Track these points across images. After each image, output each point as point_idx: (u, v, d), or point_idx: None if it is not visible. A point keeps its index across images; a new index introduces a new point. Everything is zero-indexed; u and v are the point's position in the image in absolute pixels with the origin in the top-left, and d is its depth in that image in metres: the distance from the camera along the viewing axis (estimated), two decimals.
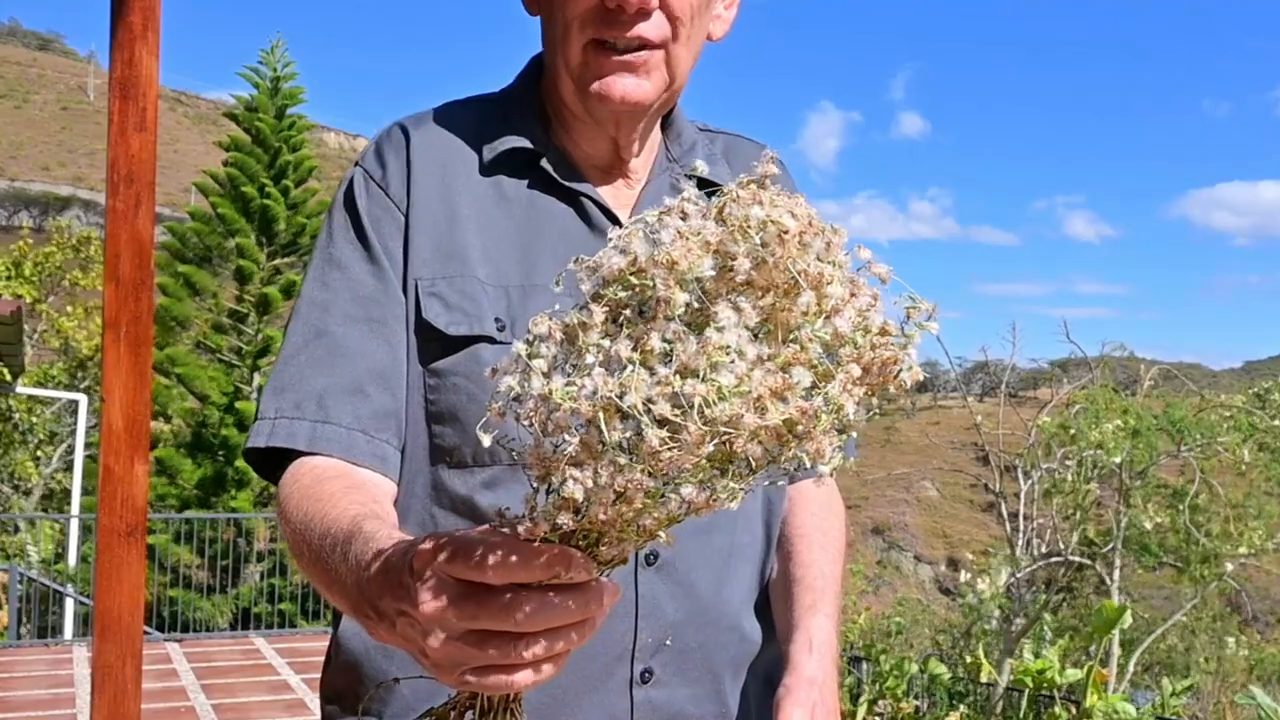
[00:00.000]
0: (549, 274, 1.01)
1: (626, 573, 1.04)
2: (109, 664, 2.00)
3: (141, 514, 2.03)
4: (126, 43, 2.00)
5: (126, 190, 2.01)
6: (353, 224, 1.10)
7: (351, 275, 1.08)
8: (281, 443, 1.03)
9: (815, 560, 1.16)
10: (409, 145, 1.12)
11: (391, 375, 1.06)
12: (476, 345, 1.05)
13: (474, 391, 1.04)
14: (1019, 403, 14.08)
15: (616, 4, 1.02)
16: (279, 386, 1.06)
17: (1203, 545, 11.29)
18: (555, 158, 1.13)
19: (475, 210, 1.10)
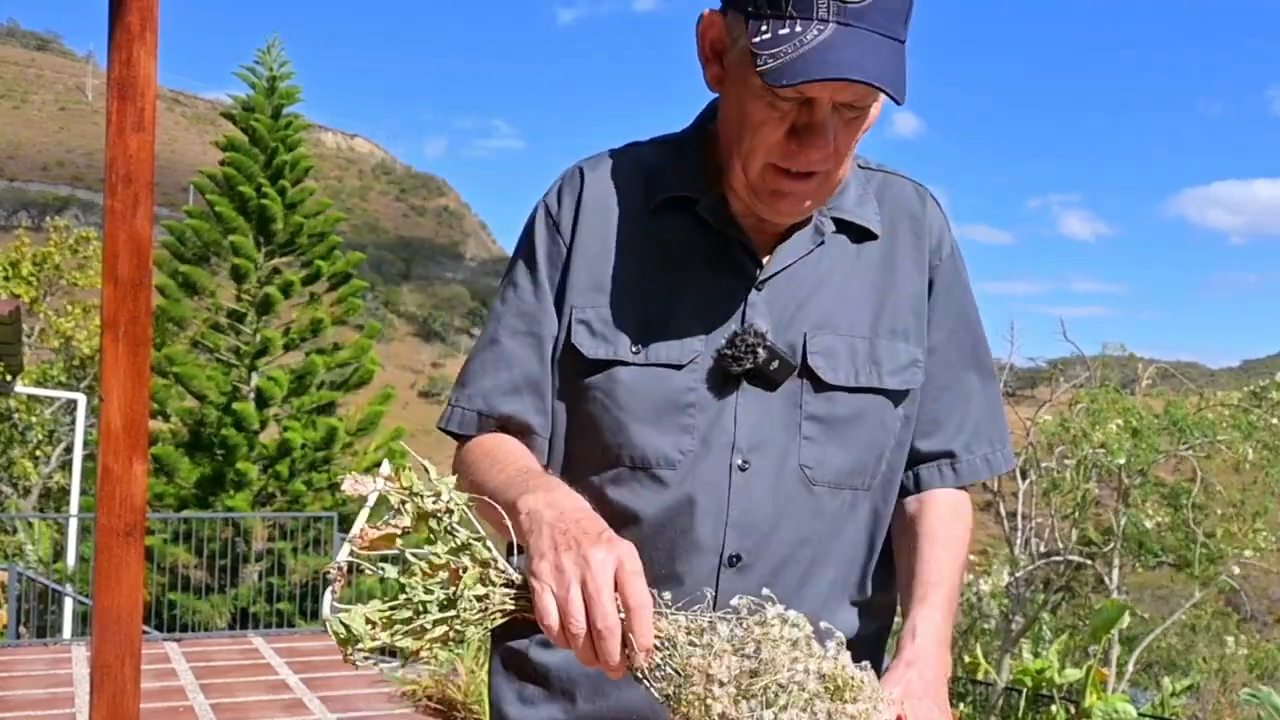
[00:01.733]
0: (691, 305, 1.27)
1: (709, 572, 1.25)
2: (108, 663, 1.99)
3: (140, 513, 2.03)
4: (124, 43, 2.00)
5: (125, 190, 2.01)
6: (528, 251, 1.34)
7: (521, 294, 1.33)
8: (457, 428, 1.34)
9: (935, 557, 1.28)
10: (582, 187, 1.33)
11: (540, 380, 1.31)
12: (614, 368, 1.27)
13: (608, 404, 1.27)
14: (1016, 402, 14.08)
15: (795, 149, 1.18)
16: (463, 381, 1.36)
17: (1204, 544, 11.30)
18: (712, 203, 1.29)
19: (634, 247, 1.30)
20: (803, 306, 1.28)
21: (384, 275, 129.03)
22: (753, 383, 1.26)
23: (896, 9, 1.14)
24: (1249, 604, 17.89)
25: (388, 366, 44.59)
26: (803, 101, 1.16)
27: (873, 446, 1.30)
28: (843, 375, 1.28)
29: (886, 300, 1.32)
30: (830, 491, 1.28)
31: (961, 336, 1.37)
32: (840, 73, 1.09)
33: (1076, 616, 14.52)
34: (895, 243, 1.34)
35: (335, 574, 1.10)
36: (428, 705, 6.21)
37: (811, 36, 1.11)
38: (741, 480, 1.25)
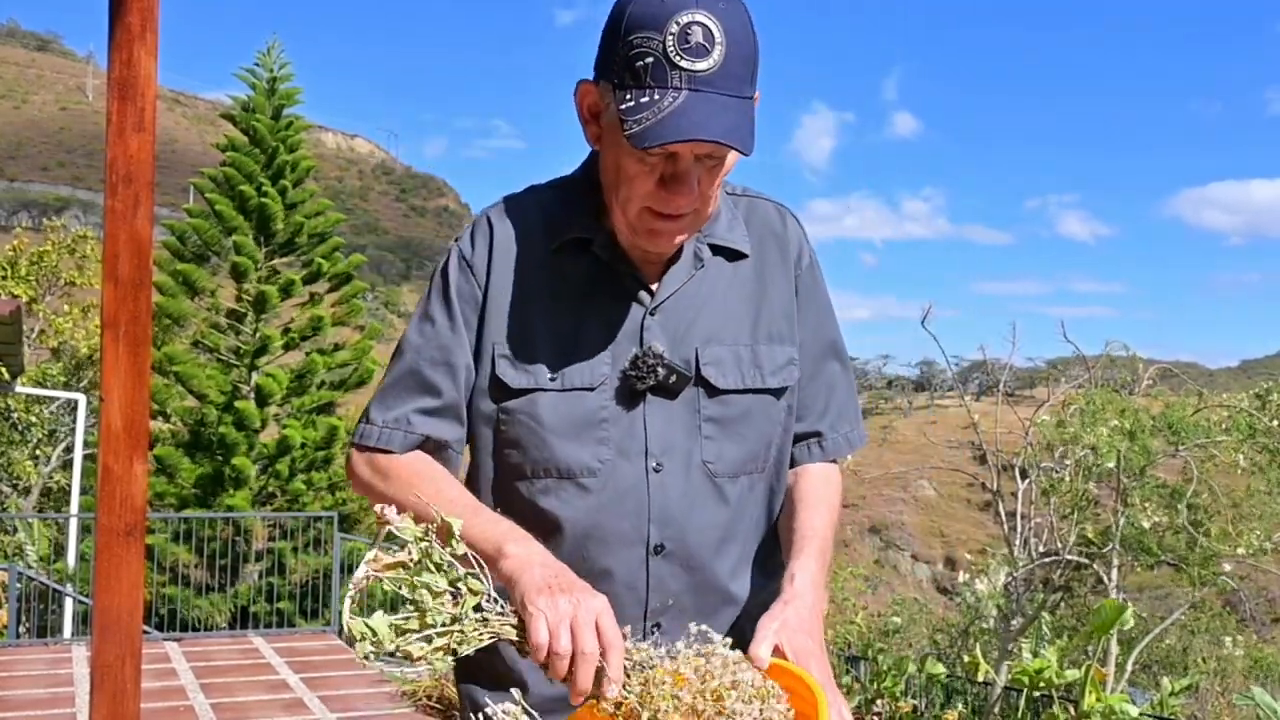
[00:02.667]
0: (594, 333, 1.46)
1: (640, 559, 1.46)
2: (108, 663, 2.00)
3: (140, 513, 2.03)
4: (125, 43, 2.00)
5: (125, 190, 2.01)
6: (444, 291, 1.49)
7: (438, 329, 1.49)
8: (385, 445, 1.48)
9: (809, 518, 1.50)
10: (492, 234, 1.50)
11: (458, 404, 1.48)
12: (535, 394, 1.45)
13: (533, 425, 1.45)
14: (1016, 402, 14.08)
15: (663, 198, 1.37)
16: (385, 404, 1.49)
17: (1202, 545, 11.30)
18: (605, 241, 1.48)
19: (541, 285, 1.48)
20: (692, 325, 1.49)
21: (384, 275, 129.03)
22: (656, 395, 1.46)
23: (740, 73, 1.33)
24: (1247, 605, 17.90)
25: None
26: (668, 155, 1.35)
27: (762, 437, 1.52)
28: (731, 380, 1.49)
29: (762, 310, 1.53)
30: (730, 480, 1.50)
31: (822, 332, 1.60)
32: (691, 134, 1.29)
33: (1075, 617, 14.52)
34: (764, 258, 1.55)
35: (354, 587, 1.23)
36: (428, 705, 6.22)
37: (668, 103, 1.30)
38: (657, 480, 1.46)
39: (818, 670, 1.28)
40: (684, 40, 1.30)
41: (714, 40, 1.31)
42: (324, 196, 19.35)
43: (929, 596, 40.71)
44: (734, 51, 1.32)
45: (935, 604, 30.58)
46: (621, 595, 1.43)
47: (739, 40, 1.33)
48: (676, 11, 1.30)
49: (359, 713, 6.08)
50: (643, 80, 1.32)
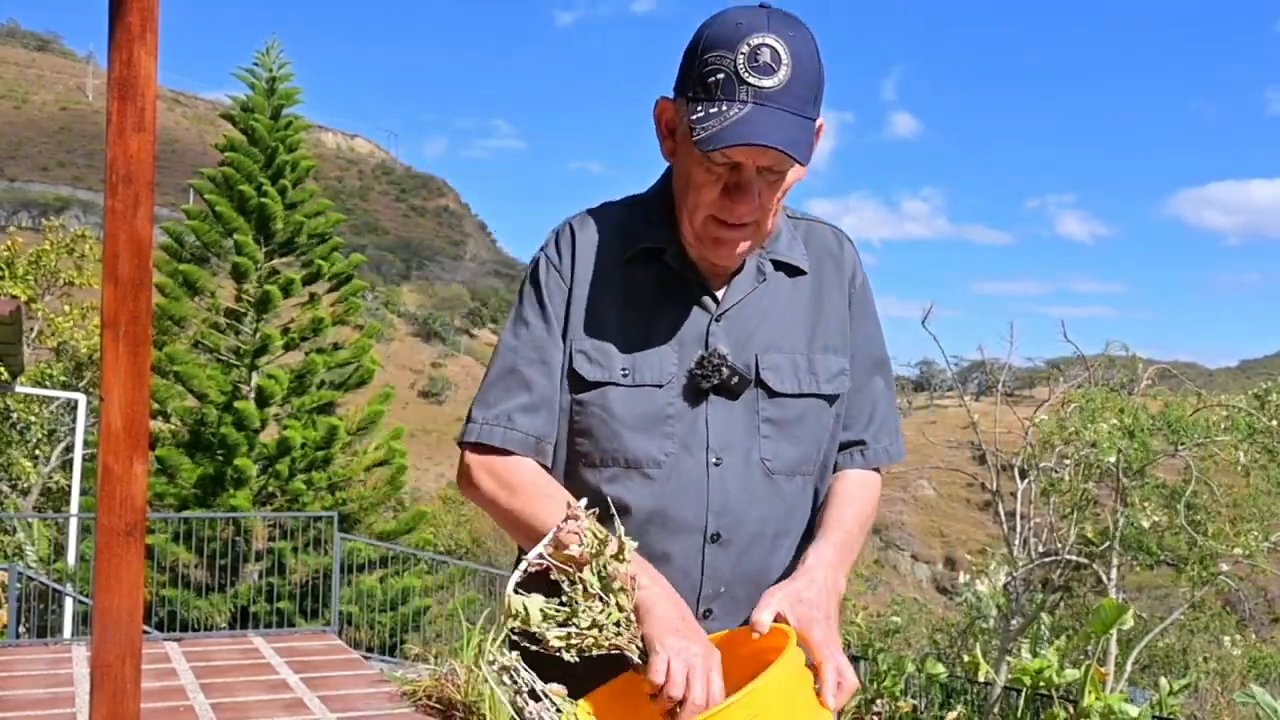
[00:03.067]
0: (664, 335, 1.59)
1: (697, 547, 1.57)
2: (108, 663, 2.00)
3: (141, 513, 2.03)
4: (125, 43, 2.00)
5: (125, 190, 2.01)
6: (536, 295, 1.62)
7: (533, 330, 1.61)
8: (486, 440, 1.60)
9: (838, 513, 1.63)
10: (574, 241, 1.64)
11: (552, 399, 1.60)
12: (606, 387, 1.58)
13: (604, 417, 1.58)
14: (1015, 402, 14.08)
15: (727, 206, 1.50)
16: (486, 403, 1.62)
17: (1200, 545, 11.30)
18: (675, 251, 1.61)
19: (617, 290, 1.61)
20: (754, 333, 1.61)
21: (384, 275, 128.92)
22: (718, 395, 1.58)
23: (803, 94, 1.46)
24: (1247, 604, 17.90)
25: (388, 366, 44.56)
26: (732, 166, 1.48)
27: (814, 440, 1.64)
28: (789, 384, 1.61)
29: (818, 322, 1.66)
30: (785, 478, 1.62)
31: (870, 348, 1.72)
32: (752, 139, 1.42)
33: (1075, 616, 14.52)
34: (821, 276, 1.68)
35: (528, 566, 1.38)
36: (428, 705, 6.21)
37: (734, 113, 1.43)
38: (717, 474, 1.57)
39: (820, 633, 1.40)
40: (754, 59, 1.44)
41: (781, 61, 1.44)
42: (324, 196, 19.33)
43: (929, 596, 40.72)
44: (799, 74, 1.45)
45: (935, 604, 30.59)
46: (677, 579, 1.51)
47: (805, 65, 1.46)
48: (749, 34, 1.44)
49: (359, 713, 6.08)
50: (714, 93, 1.45)
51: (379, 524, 17.91)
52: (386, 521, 18.28)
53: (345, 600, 14.40)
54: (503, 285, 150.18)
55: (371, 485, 17.86)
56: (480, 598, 15.72)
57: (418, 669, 8.26)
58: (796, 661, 1.34)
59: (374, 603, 15.43)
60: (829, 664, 1.38)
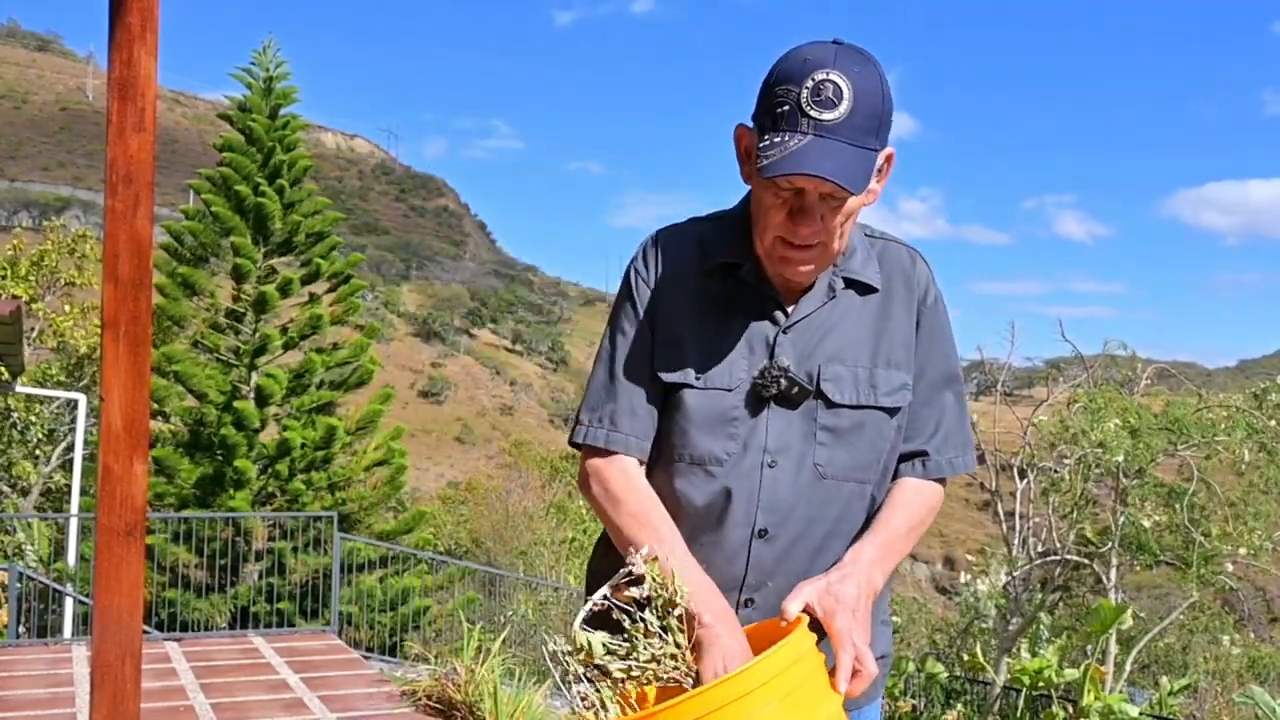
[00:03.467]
0: (734, 344, 1.71)
1: (744, 540, 1.69)
2: (108, 663, 2.00)
3: (141, 513, 2.03)
4: (125, 43, 2.01)
5: (125, 190, 2.01)
6: (631, 305, 1.77)
7: (629, 339, 1.76)
8: (590, 441, 1.76)
9: (887, 516, 1.72)
10: (659, 252, 1.78)
11: (651, 402, 1.74)
12: (682, 390, 1.71)
13: (676, 416, 1.72)
14: (1014, 402, 14.08)
15: (791, 229, 1.62)
16: (591, 406, 1.77)
17: (1201, 545, 11.29)
18: (751, 266, 1.73)
19: (694, 299, 1.74)
20: (819, 345, 1.71)
21: (384, 275, 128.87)
22: (778, 403, 1.69)
23: (865, 125, 1.56)
24: (1246, 604, 17.89)
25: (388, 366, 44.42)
26: (796, 191, 1.59)
27: (871, 450, 1.72)
28: (848, 396, 1.70)
29: (883, 338, 1.74)
30: (838, 484, 1.71)
31: (940, 365, 1.80)
32: (804, 169, 1.53)
33: (1074, 616, 14.51)
34: (891, 294, 1.77)
35: (591, 605, 1.54)
36: (428, 705, 6.22)
37: (794, 144, 1.54)
38: (770, 475, 1.68)
39: (841, 623, 1.50)
40: (816, 94, 1.55)
41: (843, 96, 1.55)
42: (323, 196, 19.29)
43: (928, 596, 40.70)
44: (860, 108, 1.56)
45: (934, 604, 30.57)
46: (723, 568, 1.68)
47: (867, 99, 1.56)
48: (815, 69, 1.56)
49: (359, 713, 6.09)
50: (779, 125, 1.58)
51: (379, 524, 17.91)
52: (386, 521, 18.27)
53: (345, 600, 14.40)
54: (502, 285, 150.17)
55: (371, 485, 17.85)
56: (480, 598, 15.72)
57: (418, 669, 8.27)
58: (801, 646, 1.43)
59: (374, 603, 15.42)
60: (845, 652, 1.48)
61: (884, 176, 1.71)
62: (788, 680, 1.40)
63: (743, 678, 1.37)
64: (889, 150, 1.66)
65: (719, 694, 1.36)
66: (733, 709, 1.36)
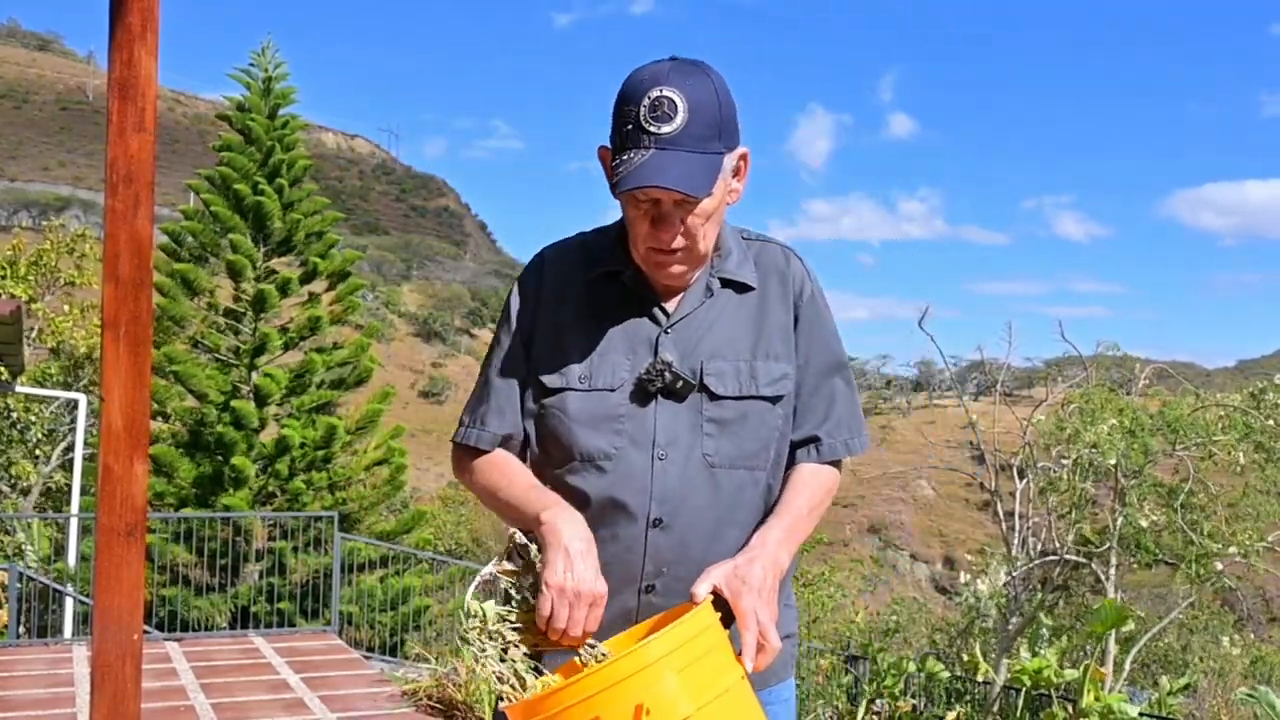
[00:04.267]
0: (618, 345, 1.81)
1: (640, 530, 1.76)
2: (108, 663, 2.00)
3: (141, 513, 2.03)
4: (125, 43, 2.01)
5: (125, 190, 2.02)
6: (509, 319, 1.90)
7: (503, 348, 1.90)
8: (470, 441, 1.89)
9: (788, 498, 1.82)
10: (543, 269, 1.91)
11: (516, 403, 1.88)
12: (565, 392, 1.81)
13: (563, 417, 1.81)
14: (1014, 402, 14.08)
15: (655, 236, 1.74)
16: (469, 409, 1.92)
17: (1199, 544, 11.30)
18: (632, 273, 1.84)
19: (579, 307, 1.86)
20: (700, 342, 1.82)
21: (384, 275, 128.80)
22: (665, 398, 1.78)
23: (704, 134, 1.69)
24: (1245, 604, 17.89)
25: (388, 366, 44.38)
26: (653, 202, 1.71)
27: (757, 438, 1.81)
28: (730, 388, 1.80)
29: (761, 333, 1.85)
30: (728, 472, 1.79)
31: (824, 354, 1.90)
32: (647, 181, 1.66)
33: (1073, 616, 14.52)
34: (767, 291, 1.88)
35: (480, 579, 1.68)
36: (428, 705, 6.22)
37: (638, 159, 1.67)
38: (660, 467, 1.77)
39: (746, 603, 1.59)
40: (653, 110, 1.68)
41: (677, 109, 1.67)
42: (323, 196, 19.30)
43: (928, 596, 40.70)
44: (696, 117, 1.67)
45: (934, 604, 30.58)
46: (624, 558, 1.76)
47: (702, 108, 1.69)
48: (651, 88, 1.68)
49: (359, 713, 6.09)
50: (626, 143, 1.70)
51: (379, 524, 17.91)
52: (386, 521, 18.28)
53: (345, 600, 14.40)
54: (502, 285, 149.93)
55: (371, 485, 17.85)
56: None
57: (418, 669, 8.26)
58: (701, 623, 1.53)
59: (374, 603, 15.43)
60: (749, 630, 1.57)
61: (742, 174, 1.81)
62: (687, 654, 1.48)
63: (642, 653, 1.45)
64: (742, 150, 1.78)
65: (619, 669, 1.45)
66: (630, 684, 1.44)
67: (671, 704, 1.46)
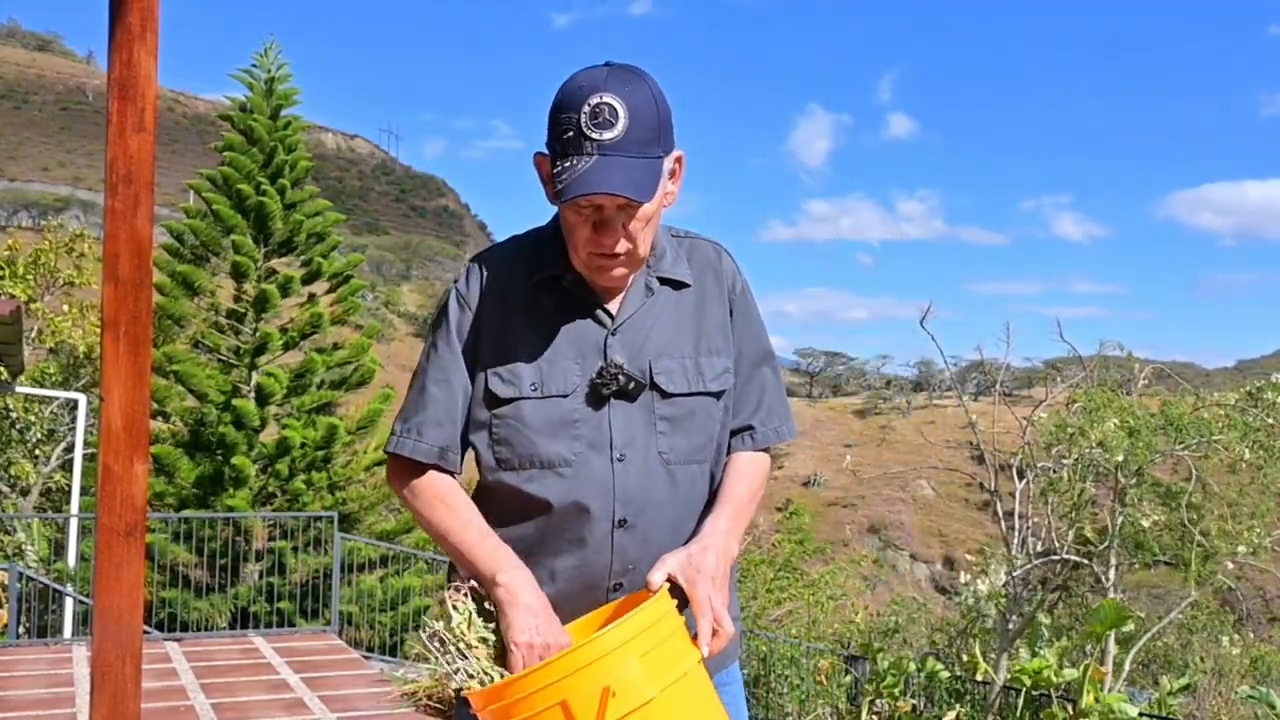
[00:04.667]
0: (567, 351, 1.82)
1: (606, 532, 1.79)
2: (108, 663, 2.00)
3: (141, 513, 2.03)
4: (125, 43, 2.01)
5: (125, 190, 2.02)
6: (446, 324, 1.87)
7: (440, 355, 1.87)
8: (404, 451, 1.86)
9: (730, 487, 1.87)
10: (482, 275, 1.88)
11: (456, 413, 1.85)
12: (519, 401, 1.81)
13: (518, 427, 1.81)
14: (1013, 402, 14.09)
15: (597, 243, 1.74)
16: (403, 417, 1.88)
17: (1200, 544, 11.30)
18: (572, 277, 1.84)
19: (522, 314, 1.84)
20: (646, 342, 1.84)
21: (384, 275, 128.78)
22: (618, 399, 1.80)
23: (645, 138, 1.70)
24: (1245, 604, 17.90)
25: (388, 366, 44.40)
26: (595, 208, 1.72)
27: (704, 432, 1.86)
28: (679, 385, 1.84)
29: (702, 329, 1.89)
30: (682, 467, 1.84)
31: (755, 346, 1.95)
32: (594, 188, 1.66)
33: (1073, 616, 14.52)
34: (703, 287, 1.92)
35: (458, 585, 1.76)
36: (428, 705, 6.22)
37: (581, 166, 1.67)
38: (621, 468, 1.79)
39: (701, 590, 1.65)
40: (594, 117, 1.68)
41: (618, 115, 1.68)
42: (324, 197, 19.30)
43: (928, 596, 40.70)
44: (636, 123, 1.69)
45: (934, 603, 30.57)
46: (591, 560, 1.79)
47: (642, 113, 1.70)
48: (590, 94, 1.68)
49: (359, 713, 6.09)
50: (567, 150, 1.70)
51: (379, 524, 17.90)
52: (386, 521, 18.27)
53: (345, 600, 14.39)
54: None
55: (371, 485, 17.84)
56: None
57: (418, 669, 8.26)
58: (659, 610, 1.59)
59: (374, 602, 15.42)
60: (705, 617, 1.62)
61: (677, 177, 1.85)
62: (648, 640, 1.54)
63: (604, 639, 1.51)
64: (677, 153, 1.80)
65: (584, 654, 1.51)
66: (595, 668, 1.50)
67: (636, 686, 1.51)
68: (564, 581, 1.80)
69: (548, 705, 1.52)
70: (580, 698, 1.50)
